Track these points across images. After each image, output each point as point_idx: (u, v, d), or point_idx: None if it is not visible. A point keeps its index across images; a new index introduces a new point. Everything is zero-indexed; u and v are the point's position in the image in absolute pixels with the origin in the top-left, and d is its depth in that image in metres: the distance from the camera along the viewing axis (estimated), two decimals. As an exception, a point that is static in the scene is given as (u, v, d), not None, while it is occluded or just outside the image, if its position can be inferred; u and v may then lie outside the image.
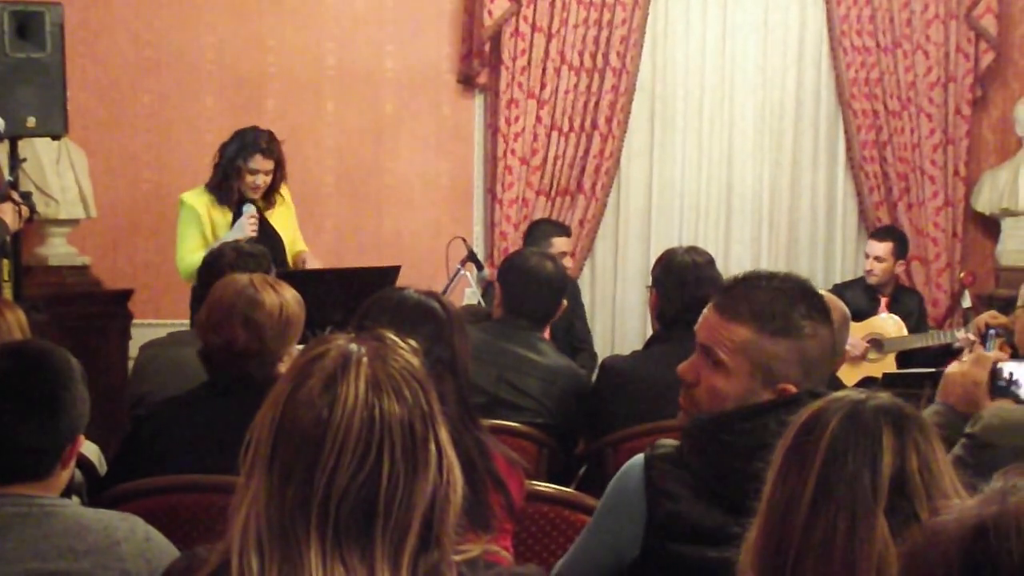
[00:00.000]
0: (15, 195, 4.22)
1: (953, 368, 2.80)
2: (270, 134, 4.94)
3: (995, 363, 2.69)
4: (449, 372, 2.30)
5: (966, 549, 1.03)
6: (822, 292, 3.21)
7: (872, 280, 5.96)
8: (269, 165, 4.89)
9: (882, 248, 5.98)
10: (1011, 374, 2.65)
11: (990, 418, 2.50)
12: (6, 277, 4.38)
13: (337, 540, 1.34)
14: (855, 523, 1.45)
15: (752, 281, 2.20)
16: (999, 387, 2.65)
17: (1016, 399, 2.62)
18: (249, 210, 4.80)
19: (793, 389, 2.07)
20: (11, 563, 1.91)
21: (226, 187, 4.85)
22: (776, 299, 2.13)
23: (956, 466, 1.58)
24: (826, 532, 1.45)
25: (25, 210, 4.24)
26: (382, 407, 1.36)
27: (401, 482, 1.35)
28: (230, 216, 4.84)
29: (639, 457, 2.10)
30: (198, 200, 4.87)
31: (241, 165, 4.83)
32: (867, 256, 6.05)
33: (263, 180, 4.88)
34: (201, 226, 4.84)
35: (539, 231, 5.68)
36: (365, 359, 1.39)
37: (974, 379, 2.70)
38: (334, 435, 1.34)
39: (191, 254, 4.71)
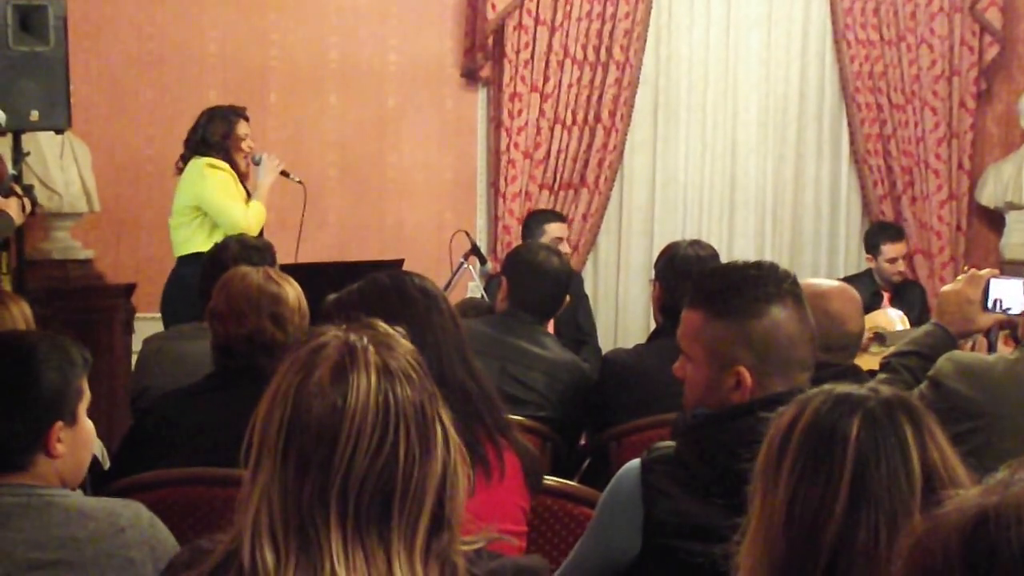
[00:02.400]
0: (17, 188, 4.22)
1: (947, 288, 2.98)
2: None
3: (987, 281, 2.87)
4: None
5: (966, 538, 1.03)
6: (829, 280, 3.23)
7: (898, 279, 5.99)
8: (248, 129, 5.06)
9: (901, 248, 6.06)
10: (1001, 291, 2.86)
11: (943, 363, 2.66)
12: (5, 270, 4.39)
13: (357, 526, 1.35)
14: (897, 523, 1.43)
15: (714, 269, 2.21)
16: (991, 302, 2.88)
17: (1005, 314, 2.86)
18: (262, 156, 5.03)
19: (746, 373, 2.06)
20: (11, 554, 1.90)
21: (230, 162, 4.94)
22: (725, 283, 2.14)
23: (920, 402, 1.59)
24: (868, 535, 1.43)
25: (28, 203, 4.24)
26: (395, 392, 1.37)
27: (416, 463, 1.37)
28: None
29: (635, 462, 2.11)
30: (225, 165, 4.97)
31: (236, 136, 4.99)
32: (892, 260, 6.00)
33: (251, 144, 5.07)
34: (239, 189, 4.98)
35: (533, 220, 5.70)
36: (371, 347, 1.40)
37: (968, 297, 2.88)
38: (350, 423, 1.35)
39: (250, 209, 4.92)
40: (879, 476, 1.45)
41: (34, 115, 4.53)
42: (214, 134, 4.96)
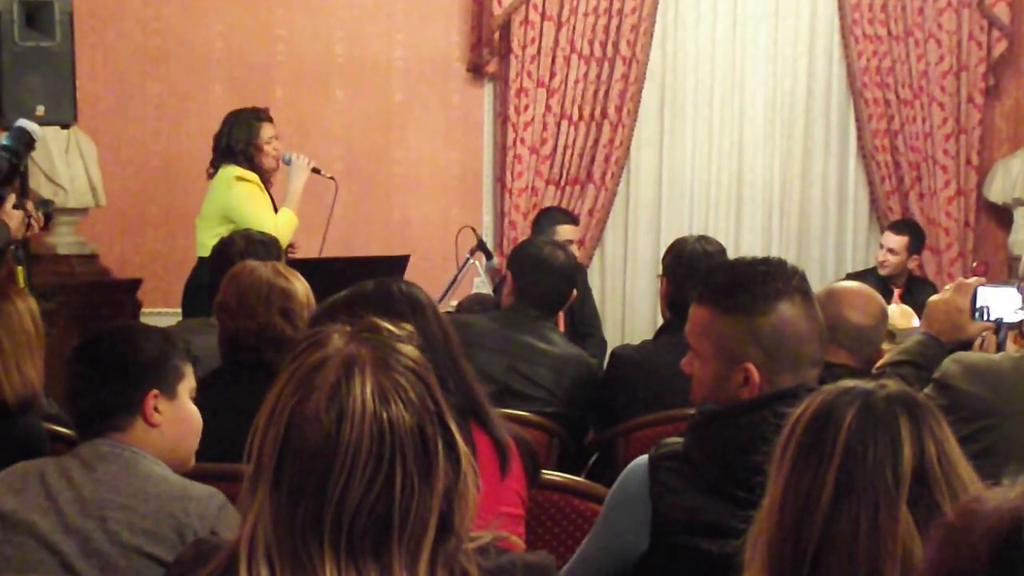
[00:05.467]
0: (29, 204, 4.17)
1: (936, 297, 3.00)
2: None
3: (975, 289, 2.92)
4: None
5: (997, 538, 1.02)
6: (852, 283, 3.22)
7: (884, 272, 5.93)
8: (274, 130, 5.00)
9: (897, 241, 5.95)
10: (986, 299, 2.91)
11: (949, 364, 2.67)
12: (23, 283, 4.33)
13: (351, 553, 1.32)
14: (878, 516, 1.43)
15: (722, 265, 2.19)
16: (978, 310, 2.93)
17: (991, 320, 2.93)
18: (291, 156, 4.98)
19: (754, 370, 2.06)
20: (92, 491, 2.11)
21: (253, 168, 4.90)
22: (733, 279, 2.13)
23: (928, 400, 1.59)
24: (849, 527, 1.43)
25: (36, 223, 4.18)
26: (391, 417, 1.33)
27: (415, 490, 1.33)
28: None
29: (642, 458, 2.10)
30: (253, 176, 4.90)
31: (257, 142, 4.92)
32: (881, 247, 6.02)
33: (278, 146, 5.00)
34: (265, 198, 4.91)
35: (546, 219, 5.68)
36: (368, 367, 1.35)
37: (957, 306, 2.92)
38: (344, 452, 1.32)
39: (279, 219, 4.83)
40: (865, 467, 1.45)
41: (40, 110, 4.52)
42: (238, 141, 4.91)
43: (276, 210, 4.93)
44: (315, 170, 5.08)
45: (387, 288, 2.27)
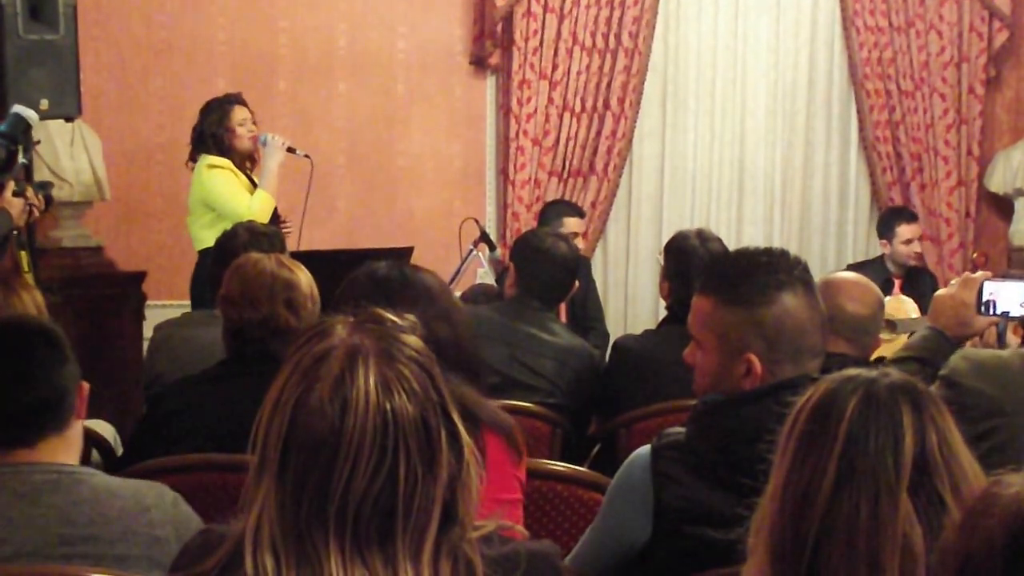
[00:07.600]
0: (29, 190, 4.18)
1: (942, 292, 2.95)
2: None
3: (981, 283, 2.87)
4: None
5: (1013, 525, 1.02)
6: (848, 274, 3.23)
7: (915, 262, 5.98)
8: (248, 113, 5.06)
9: (918, 228, 6.05)
10: (992, 292, 2.86)
11: (957, 361, 2.64)
12: (27, 268, 4.35)
13: (356, 543, 1.33)
14: (878, 504, 1.44)
15: (725, 256, 2.20)
16: (984, 304, 2.87)
17: (997, 314, 2.87)
18: (267, 136, 5.00)
19: (756, 361, 2.07)
20: (43, 529, 1.94)
21: (226, 152, 4.94)
22: (736, 270, 2.14)
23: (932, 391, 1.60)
24: (850, 514, 1.44)
25: (36, 209, 4.19)
26: (394, 409, 1.34)
27: (419, 481, 1.35)
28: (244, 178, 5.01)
29: (644, 448, 2.11)
30: (224, 162, 4.97)
31: (228, 125, 4.98)
32: (908, 241, 5.95)
33: (252, 127, 5.05)
34: (240, 180, 4.96)
35: (552, 211, 5.70)
36: (372, 358, 1.36)
37: (963, 300, 2.87)
38: (348, 443, 1.33)
39: (254, 200, 4.87)
40: (866, 454, 1.46)
41: (44, 103, 4.52)
42: (210, 125, 5.00)
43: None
44: (290, 149, 5.11)
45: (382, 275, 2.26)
